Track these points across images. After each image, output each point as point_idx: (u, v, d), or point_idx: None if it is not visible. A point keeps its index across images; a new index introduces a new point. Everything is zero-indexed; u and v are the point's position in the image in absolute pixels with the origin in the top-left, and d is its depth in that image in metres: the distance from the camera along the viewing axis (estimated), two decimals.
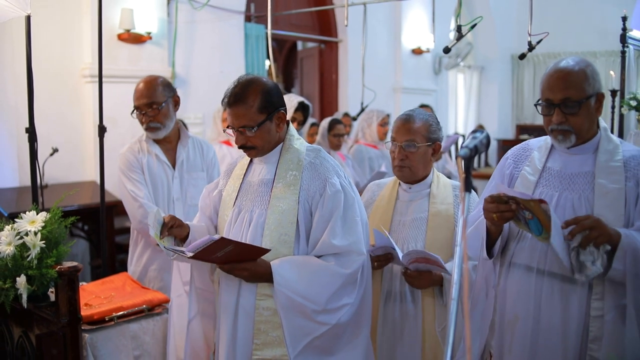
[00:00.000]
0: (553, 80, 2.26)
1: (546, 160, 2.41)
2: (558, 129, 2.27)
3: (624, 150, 2.30)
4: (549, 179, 2.37)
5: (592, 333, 2.20)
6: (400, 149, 2.76)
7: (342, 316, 2.36)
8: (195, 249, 2.24)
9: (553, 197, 2.32)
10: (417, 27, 9.42)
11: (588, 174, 2.29)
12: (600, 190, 2.24)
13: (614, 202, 2.21)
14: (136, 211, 3.44)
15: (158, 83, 3.48)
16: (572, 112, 2.24)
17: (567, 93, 2.23)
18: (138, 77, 5.61)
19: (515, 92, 12.40)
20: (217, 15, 6.73)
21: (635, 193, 2.22)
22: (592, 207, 2.23)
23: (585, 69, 2.26)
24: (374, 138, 6.31)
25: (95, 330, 2.73)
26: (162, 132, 3.49)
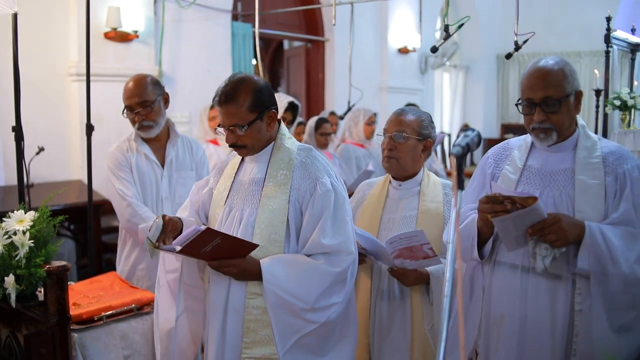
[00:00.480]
0: (533, 79, 2.32)
1: (526, 159, 2.45)
2: (540, 127, 2.32)
3: (602, 147, 2.35)
4: (529, 177, 2.41)
5: (576, 327, 2.25)
6: (389, 139, 2.79)
7: (331, 315, 2.37)
8: (182, 241, 2.23)
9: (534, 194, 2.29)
10: (403, 27, 9.44)
11: (568, 170, 2.34)
12: (581, 186, 2.29)
13: (595, 197, 2.27)
14: (124, 210, 3.42)
15: (148, 81, 3.46)
16: (553, 110, 2.29)
17: (548, 92, 2.28)
18: (125, 76, 5.59)
19: (500, 92, 12.47)
20: (204, 14, 6.71)
21: (614, 188, 2.27)
22: (573, 203, 2.28)
23: (564, 68, 2.32)
24: (361, 137, 6.33)
25: (84, 330, 2.72)
26: (155, 131, 3.48)
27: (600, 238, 2.18)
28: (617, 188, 2.27)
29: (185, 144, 3.66)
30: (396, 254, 2.60)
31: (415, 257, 2.59)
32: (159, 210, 3.50)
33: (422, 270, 2.67)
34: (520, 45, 5.14)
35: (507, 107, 12.41)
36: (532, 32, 5.01)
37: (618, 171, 2.28)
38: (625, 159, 2.31)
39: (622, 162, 2.30)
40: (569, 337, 2.27)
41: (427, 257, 2.59)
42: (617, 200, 2.27)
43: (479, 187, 2.55)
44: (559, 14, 10.66)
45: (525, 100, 2.34)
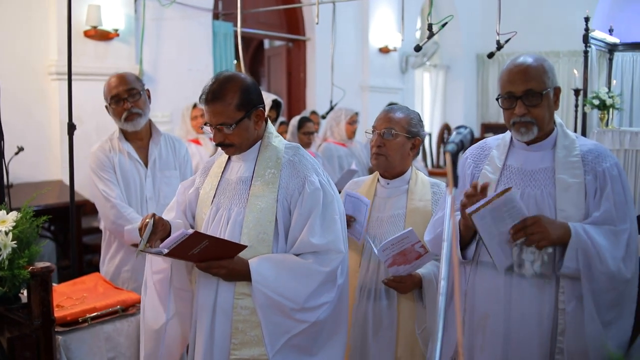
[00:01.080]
0: (513, 74, 2.33)
1: (506, 158, 2.45)
2: (521, 121, 2.32)
3: (580, 145, 2.37)
4: (509, 177, 2.41)
5: (560, 326, 2.28)
6: (378, 136, 2.79)
7: (321, 314, 2.35)
8: (170, 244, 2.21)
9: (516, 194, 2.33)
10: (384, 26, 9.46)
11: (548, 169, 2.35)
12: (562, 185, 2.31)
13: (575, 196, 2.29)
14: (109, 212, 3.38)
15: (131, 74, 3.48)
16: (534, 103, 2.30)
17: (529, 85, 2.30)
18: (105, 75, 5.53)
19: (480, 91, 12.54)
20: (184, 13, 6.67)
21: (594, 186, 2.29)
22: (554, 202, 2.30)
23: (543, 64, 2.35)
24: (343, 136, 6.33)
25: (69, 332, 2.68)
26: (142, 121, 3.45)
27: (585, 237, 2.20)
28: (597, 186, 2.29)
29: (168, 142, 3.63)
30: (390, 262, 2.59)
31: (409, 260, 2.59)
32: (143, 211, 3.46)
33: (415, 276, 2.66)
34: (502, 45, 5.16)
35: (487, 106, 12.49)
36: (514, 32, 5.03)
37: (597, 169, 2.30)
38: (604, 157, 2.33)
39: (601, 160, 2.32)
40: (553, 336, 2.29)
41: (419, 257, 2.59)
42: (598, 199, 2.29)
43: (459, 188, 2.52)
44: (537, 14, 10.74)
45: (506, 94, 2.35)
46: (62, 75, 5.45)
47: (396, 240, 2.55)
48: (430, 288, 2.69)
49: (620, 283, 2.24)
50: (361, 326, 2.79)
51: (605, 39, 9.18)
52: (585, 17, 8.19)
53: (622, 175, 2.34)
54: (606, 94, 8.31)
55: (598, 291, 2.23)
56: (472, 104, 12.46)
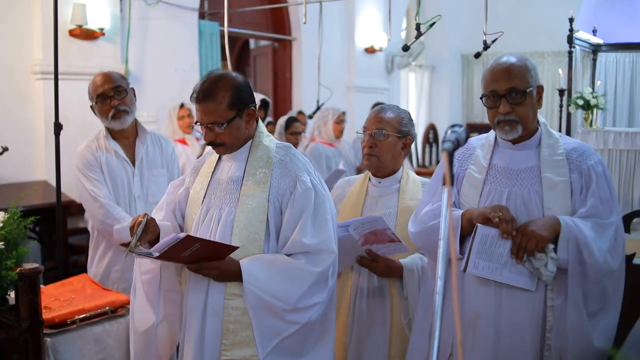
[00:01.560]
0: (497, 72, 2.35)
1: (491, 158, 2.47)
2: (505, 119, 2.34)
3: (564, 144, 2.41)
4: (496, 176, 2.43)
5: (549, 323, 2.31)
6: (369, 137, 2.79)
7: (312, 315, 2.34)
8: (161, 248, 2.19)
9: (503, 193, 2.39)
10: (370, 26, 9.47)
11: (534, 168, 2.38)
12: (548, 183, 2.34)
13: (562, 194, 2.33)
14: (97, 211, 3.35)
15: (116, 73, 3.46)
16: (518, 101, 2.32)
17: (513, 83, 2.32)
18: (90, 74, 5.47)
19: (465, 91, 12.59)
20: (170, 12, 6.62)
21: (580, 184, 2.33)
22: (541, 201, 2.33)
23: (526, 62, 2.38)
24: (330, 136, 6.32)
25: (57, 334, 2.66)
26: (130, 118, 3.43)
27: (575, 228, 2.25)
28: (582, 184, 2.33)
29: (154, 141, 3.61)
30: (362, 240, 2.60)
31: (381, 240, 2.59)
32: (132, 210, 3.44)
33: (395, 261, 2.68)
34: (489, 45, 5.19)
35: (472, 106, 12.54)
36: (500, 32, 5.06)
37: (582, 167, 2.33)
38: (588, 154, 2.37)
39: (585, 158, 2.35)
40: (543, 333, 2.32)
41: (392, 241, 2.60)
42: (584, 195, 2.33)
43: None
44: (522, 15, 10.79)
45: (489, 93, 2.36)
46: (46, 75, 5.39)
47: (366, 220, 2.57)
48: (411, 278, 2.71)
49: (606, 274, 2.29)
50: (357, 324, 2.79)
51: (589, 39, 9.26)
52: (569, 17, 8.25)
53: (606, 172, 2.38)
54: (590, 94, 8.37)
55: (585, 282, 2.26)
56: (457, 104, 12.51)
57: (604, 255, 2.26)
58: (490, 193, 2.42)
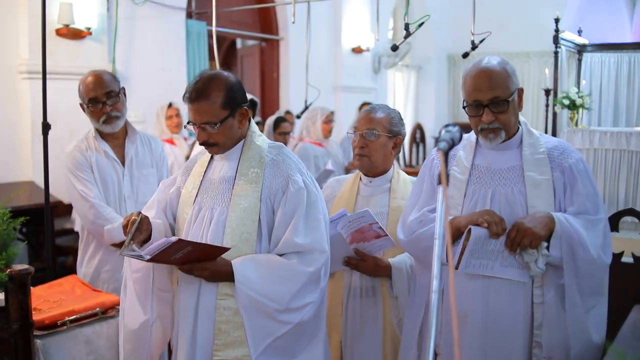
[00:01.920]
0: (479, 81, 2.34)
1: (473, 158, 2.48)
2: (489, 127, 2.35)
3: (545, 142, 2.44)
4: (479, 177, 2.45)
5: (536, 320, 2.34)
6: (360, 137, 2.79)
7: (305, 315, 2.34)
8: (152, 251, 2.18)
9: (487, 193, 2.41)
10: (357, 27, 9.48)
11: (516, 167, 2.41)
12: (531, 182, 2.36)
13: (545, 192, 2.36)
14: (88, 212, 3.33)
15: (108, 73, 3.42)
16: (501, 110, 2.33)
17: (495, 92, 2.32)
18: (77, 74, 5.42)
19: (452, 91, 12.64)
20: (158, 12, 6.60)
21: (562, 182, 2.37)
22: (525, 199, 2.35)
23: (506, 67, 2.37)
24: (319, 136, 6.32)
25: (47, 336, 2.63)
26: (121, 122, 3.41)
27: (567, 225, 2.28)
28: (564, 182, 2.37)
29: (144, 141, 3.59)
30: (349, 239, 2.61)
31: (367, 238, 2.60)
32: (122, 210, 3.43)
33: (383, 260, 2.68)
34: (477, 45, 5.22)
35: (458, 106, 12.57)
36: (488, 32, 5.09)
37: (564, 165, 2.38)
38: (569, 153, 2.42)
39: (566, 156, 2.40)
40: (530, 331, 2.35)
41: (378, 237, 2.61)
42: (570, 194, 2.37)
43: (429, 188, 2.56)
44: (508, 15, 10.84)
45: (472, 102, 2.36)
46: (33, 74, 5.35)
47: (353, 217, 2.57)
48: (400, 277, 2.72)
49: (600, 269, 2.34)
50: (351, 324, 2.79)
51: (575, 40, 9.32)
52: (555, 18, 8.31)
53: (588, 170, 2.42)
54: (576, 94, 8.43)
55: (581, 278, 2.29)
56: (443, 103, 12.56)
57: (598, 250, 2.30)
58: (474, 194, 2.44)
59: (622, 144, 7.99)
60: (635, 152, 7.91)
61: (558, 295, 2.32)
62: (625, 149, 7.97)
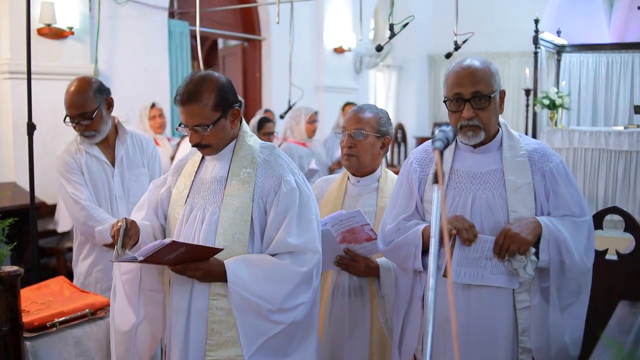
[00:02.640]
0: (461, 76, 2.32)
1: (452, 162, 2.44)
2: (469, 124, 2.32)
3: (525, 144, 2.41)
4: (458, 181, 2.41)
5: (521, 325, 2.32)
6: (349, 137, 2.80)
7: (297, 315, 2.35)
8: (145, 253, 2.17)
9: (467, 198, 2.37)
10: (338, 27, 9.50)
11: (497, 171, 2.37)
12: (512, 186, 2.33)
13: (526, 196, 2.33)
14: (79, 214, 3.35)
15: (89, 89, 3.32)
16: (482, 106, 2.30)
17: (478, 87, 2.30)
18: (60, 74, 5.43)
19: (432, 91, 12.71)
20: (140, 11, 6.56)
21: (543, 185, 2.34)
22: (506, 203, 2.32)
23: (490, 67, 2.36)
24: (303, 136, 6.32)
25: (37, 337, 2.63)
26: (98, 138, 3.40)
27: (554, 228, 2.27)
28: (546, 185, 2.35)
29: (135, 140, 3.59)
30: (340, 239, 2.62)
31: (358, 239, 2.62)
32: (114, 210, 3.44)
33: (373, 261, 2.70)
34: (459, 45, 5.26)
35: (439, 106, 12.66)
36: (471, 32, 5.13)
37: (544, 169, 2.35)
38: (549, 156, 2.39)
39: (547, 159, 2.37)
40: (514, 337, 2.34)
41: (370, 239, 2.62)
42: (553, 199, 2.35)
43: (406, 194, 2.53)
44: (488, 16, 10.93)
45: (454, 97, 2.34)
46: (14, 75, 5.30)
47: (344, 217, 2.58)
48: (388, 277, 2.73)
49: (582, 273, 2.33)
50: (336, 324, 2.80)
51: (554, 40, 9.44)
52: (535, 19, 8.40)
53: (568, 172, 2.40)
54: (555, 94, 8.54)
55: (562, 280, 2.30)
56: (424, 104, 12.63)
57: (581, 254, 2.30)
58: (455, 198, 2.40)
59: (601, 143, 8.12)
60: (614, 151, 8.05)
61: (544, 299, 2.32)
62: (604, 148, 8.11)
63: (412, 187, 2.50)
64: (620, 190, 7.97)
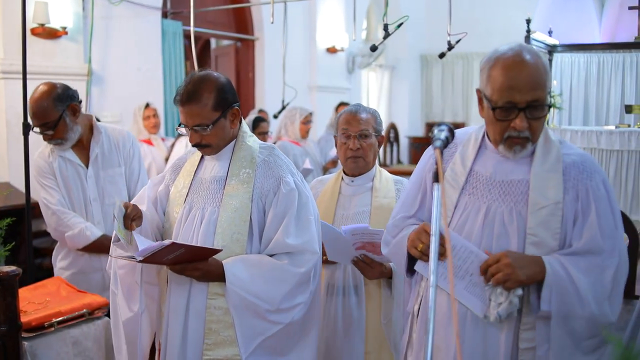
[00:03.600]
0: (517, 77, 1.87)
1: (473, 162, 2.06)
2: (519, 136, 1.91)
3: (564, 155, 1.98)
4: (476, 186, 2.03)
5: None
6: (354, 139, 2.79)
7: (295, 315, 2.36)
8: (145, 253, 2.18)
9: (480, 209, 2.00)
10: (331, 27, 9.51)
11: (522, 182, 1.97)
12: (536, 204, 1.93)
13: (550, 218, 1.92)
14: (50, 219, 3.36)
15: (49, 98, 3.23)
16: (538, 115, 1.90)
17: (536, 94, 1.87)
18: (52, 74, 5.41)
19: (425, 91, 12.75)
20: (133, 11, 6.55)
21: (574, 208, 1.93)
22: (525, 224, 1.93)
23: (545, 62, 1.93)
24: (296, 135, 6.34)
25: (35, 338, 2.63)
26: (66, 145, 3.35)
27: (564, 275, 1.86)
28: (577, 208, 1.92)
29: (111, 139, 3.50)
30: (359, 245, 2.62)
31: (377, 252, 2.62)
32: (88, 213, 3.40)
33: (387, 266, 2.69)
34: (453, 45, 5.29)
35: (431, 106, 12.70)
36: (464, 33, 5.15)
37: (580, 188, 1.93)
38: (590, 173, 1.95)
39: (586, 176, 1.94)
40: None
41: None
42: (580, 225, 1.92)
43: (415, 191, 2.22)
44: (479, 16, 10.96)
45: (506, 104, 1.89)
46: (7, 74, 5.28)
47: (368, 231, 2.56)
48: (399, 280, 2.72)
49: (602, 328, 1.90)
50: (331, 324, 2.81)
51: (546, 40, 9.48)
52: (526, 19, 8.44)
53: (611, 195, 1.95)
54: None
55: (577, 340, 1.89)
56: (416, 103, 12.65)
57: (602, 304, 1.87)
58: (466, 207, 2.03)
59: (593, 143, 8.18)
60: (605, 151, 8.11)
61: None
62: (596, 147, 8.17)
63: (426, 181, 2.17)
64: None
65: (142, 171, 3.62)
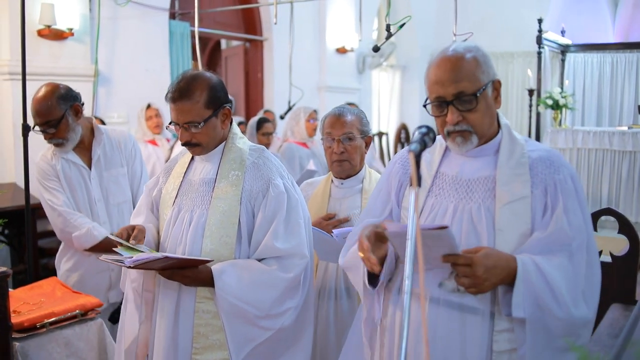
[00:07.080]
0: (441, 72, 1.93)
1: (439, 164, 2.09)
2: (455, 130, 1.95)
3: (529, 151, 2.00)
4: (442, 187, 2.04)
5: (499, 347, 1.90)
6: (338, 142, 2.78)
7: (286, 320, 2.35)
8: (136, 261, 2.18)
9: (447, 208, 2.01)
10: (341, 27, 9.49)
11: (488, 179, 1.98)
12: (503, 199, 1.93)
13: (519, 213, 1.91)
14: (56, 220, 3.36)
15: (53, 97, 3.27)
16: (468, 107, 1.93)
17: (460, 86, 1.91)
18: (59, 75, 5.44)
19: None
20: (141, 12, 6.57)
21: (543, 202, 1.93)
22: (493, 219, 1.92)
23: (476, 55, 1.96)
24: (303, 135, 6.31)
25: (26, 338, 2.63)
26: (68, 146, 3.37)
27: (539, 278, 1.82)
28: (546, 202, 1.92)
29: (113, 140, 3.54)
30: None
31: None
32: (93, 214, 3.43)
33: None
34: None
35: None
36: (470, 32, 5.10)
37: (548, 182, 1.94)
38: (557, 167, 1.96)
39: (553, 170, 1.95)
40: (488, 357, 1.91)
41: None
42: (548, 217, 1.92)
43: (383, 198, 2.21)
44: (491, 15, 10.89)
45: (434, 100, 1.96)
46: (14, 76, 5.31)
47: None
48: None
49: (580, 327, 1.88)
50: (323, 327, 2.79)
51: (558, 40, 9.40)
52: (538, 18, 8.37)
53: (578, 189, 1.96)
54: (559, 94, 8.50)
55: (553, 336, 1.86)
56: None
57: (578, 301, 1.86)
58: (433, 208, 2.04)
59: (605, 144, 8.08)
60: (618, 152, 8.01)
61: None
62: (608, 148, 8.07)
63: (391, 189, 2.18)
64: (624, 190, 7.93)
65: (144, 171, 3.66)
